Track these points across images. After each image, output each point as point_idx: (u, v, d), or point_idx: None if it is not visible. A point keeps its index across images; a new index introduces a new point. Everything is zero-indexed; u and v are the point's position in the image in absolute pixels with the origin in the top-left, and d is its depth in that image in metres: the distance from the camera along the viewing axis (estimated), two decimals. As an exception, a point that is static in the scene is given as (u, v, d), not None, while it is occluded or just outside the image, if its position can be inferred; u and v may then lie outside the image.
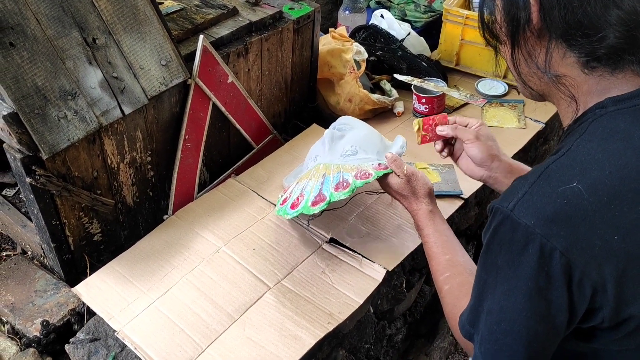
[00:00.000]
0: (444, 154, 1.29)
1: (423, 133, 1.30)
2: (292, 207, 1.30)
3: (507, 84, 1.91)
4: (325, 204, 1.24)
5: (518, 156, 1.71)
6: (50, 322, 1.27)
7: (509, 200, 0.80)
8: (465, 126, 1.26)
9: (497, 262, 0.82)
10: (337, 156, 1.33)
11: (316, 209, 1.24)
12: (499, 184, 1.24)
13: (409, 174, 1.24)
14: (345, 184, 1.26)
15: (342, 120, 1.45)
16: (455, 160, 1.29)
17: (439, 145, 1.30)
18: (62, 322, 1.28)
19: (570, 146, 0.80)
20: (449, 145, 1.29)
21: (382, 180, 1.27)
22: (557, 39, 0.81)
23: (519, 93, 1.54)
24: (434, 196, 1.24)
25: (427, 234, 1.17)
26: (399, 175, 1.25)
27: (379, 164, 1.28)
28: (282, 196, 1.40)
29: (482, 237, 0.88)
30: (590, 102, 0.82)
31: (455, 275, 1.06)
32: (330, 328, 1.17)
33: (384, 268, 1.29)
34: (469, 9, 1.99)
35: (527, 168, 1.24)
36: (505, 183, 1.22)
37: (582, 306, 0.78)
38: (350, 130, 1.39)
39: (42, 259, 1.41)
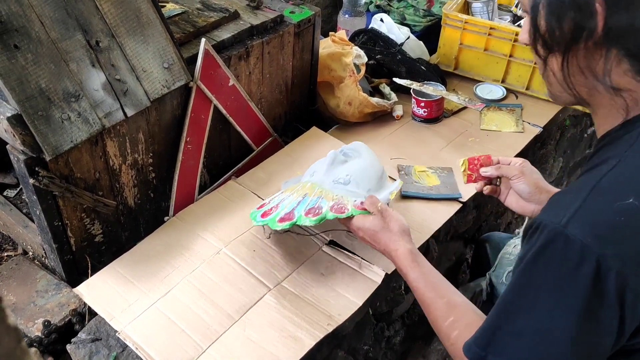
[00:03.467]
0: (485, 191, 1.29)
1: (469, 173, 1.32)
2: (263, 215, 1.29)
3: (506, 88, 1.93)
4: (290, 224, 1.22)
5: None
6: (52, 322, 1.28)
7: (560, 215, 0.76)
8: (508, 164, 1.26)
9: (540, 281, 0.78)
10: (329, 180, 1.30)
11: (279, 226, 1.23)
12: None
13: (383, 210, 1.17)
14: (317, 211, 1.23)
15: (352, 146, 1.43)
16: (504, 200, 1.28)
17: (479, 185, 1.30)
18: (63, 323, 1.29)
19: (621, 157, 0.78)
20: (492, 185, 1.29)
21: (353, 223, 1.18)
22: (618, 47, 0.79)
23: (515, 97, 1.55)
24: (410, 235, 1.16)
25: (415, 278, 1.07)
26: (372, 213, 1.18)
27: (362, 202, 1.24)
28: (264, 200, 1.40)
29: (520, 256, 0.83)
30: (638, 110, 0.81)
31: (460, 318, 0.99)
32: (330, 329, 1.18)
33: (383, 270, 1.30)
34: (468, 14, 2.01)
35: None
36: None
37: (632, 327, 0.76)
38: (353, 159, 1.37)
39: (43, 259, 1.41)
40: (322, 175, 1.32)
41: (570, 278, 0.76)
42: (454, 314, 1.01)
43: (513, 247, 1.62)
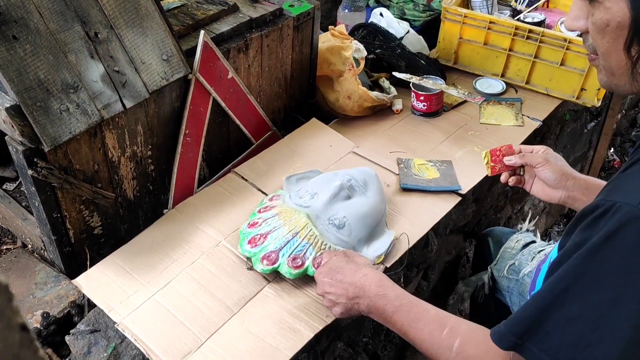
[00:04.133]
0: (510, 182, 1.30)
1: (492, 164, 1.33)
2: (250, 242, 1.28)
3: (505, 82, 1.93)
4: (271, 269, 1.22)
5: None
6: (51, 314, 1.28)
7: (635, 196, 0.73)
8: (531, 152, 1.27)
9: (608, 266, 0.75)
10: (325, 217, 1.29)
11: (261, 268, 1.23)
12: (579, 202, 1.21)
13: (345, 250, 1.19)
14: (300, 262, 1.22)
15: (362, 176, 1.38)
16: (529, 188, 1.28)
17: (504, 177, 1.31)
18: (62, 314, 1.29)
19: None
20: (517, 175, 1.30)
21: (316, 274, 1.17)
22: None
23: (514, 91, 1.54)
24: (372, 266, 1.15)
25: (396, 296, 1.02)
26: (335, 255, 1.17)
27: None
28: (259, 211, 1.37)
29: (576, 242, 0.81)
30: None
31: (457, 326, 0.96)
32: (329, 321, 1.18)
33: (383, 264, 1.30)
34: (468, 8, 2.01)
35: (603, 182, 1.19)
36: (584, 201, 1.18)
37: None
38: (358, 196, 1.34)
39: (42, 252, 1.41)
40: (322, 205, 1.30)
41: None
42: (448, 324, 0.97)
43: (515, 242, 1.62)
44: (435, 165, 1.60)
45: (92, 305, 1.25)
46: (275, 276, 1.27)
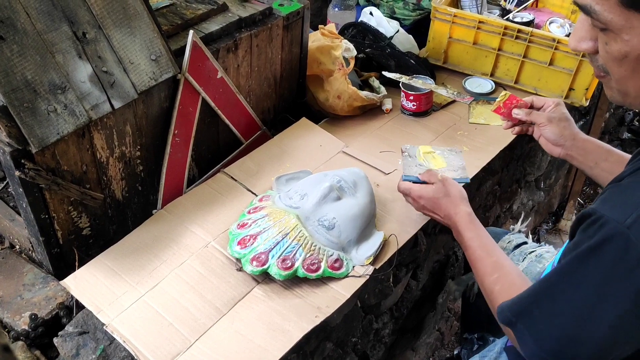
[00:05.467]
0: (513, 132, 1.44)
1: (501, 106, 1.40)
2: (240, 243, 1.28)
3: (494, 81, 1.94)
4: (261, 270, 1.23)
5: (504, 153, 1.73)
6: (39, 316, 1.27)
7: (623, 213, 0.77)
8: (541, 107, 1.37)
9: (591, 275, 0.82)
10: (315, 218, 1.30)
11: (250, 269, 1.23)
12: (575, 161, 1.34)
13: (444, 179, 1.28)
14: (289, 263, 1.23)
15: (352, 176, 1.39)
16: (537, 137, 1.39)
17: (507, 125, 1.44)
18: (50, 316, 1.28)
19: None
20: (526, 125, 1.42)
21: (414, 192, 1.29)
22: None
23: (503, 90, 1.55)
24: (468, 201, 1.26)
25: (470, 237, 1.19)
26: (433, 183, 1.28)
27: (336, 260, 1.26)
28: (248, 212, 1.37)
29: (575, 242, 0.87)
30: None
31: (504, 276, 1.09)
32: (318, 321, 1.19)
33: (372, 265, 1.30)
34: (458, 7, 2.01)
35: (602, 145, 1.32)
36: (580, 161, 1.32)
37: None
38: (348, 197, 1.34)
39: (30, 252, 1.41)
40: (311, 206, 1.30)
41: (622, 278, 0.79)
42: (499, 272, 1.10)
43: (507, 242, 1.63)
44: (442, 153, 1.55)
45: (80, 307, 1.24)
46: (264, 277, 1.27)
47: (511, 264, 1.14)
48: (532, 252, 1.56)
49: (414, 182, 1.35)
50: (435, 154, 1.55)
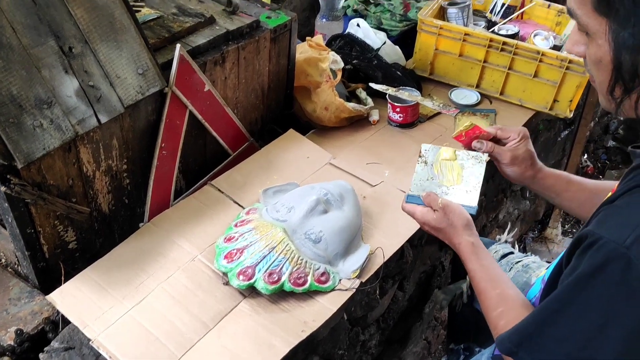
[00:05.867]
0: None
1: (463, 134, 1.33)
2: (226, 257, 1.28)
3: (480, 93, 1.96)
4: (246, 285, 1.23)
5: (490, 164, 1.74)
6: (25, 331, 1.27)
7: (622, 234, 0.78)
8: (506, 138, 1.31)
9: (594, 299, 0.82)
10: (302, 232, 1.30)
11: (236, 283, 1.23)
12: (538, 193, 1.34)
13: (445, 206, 1.20)
14: (276, 277, 1.23)
15: (338, 189, 1.39)
16: (498, 168, 1.36)
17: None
18: (36, 331, 1.28)
19: None
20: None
21: (418, 217, 1.23)
22: None
23: (489, 102, 1.56)
24: (473, 227, 1.21)
25: (473, 268, 1.16)
26: (435, 210, 1.21)
27: (323, 273, 1.27)
28: (235, 225, 1.37)
29: (573, 266, 0.87)
30: None
31: (509, 310, 1.07)
32: (304, 336, 1.19)
33: (358, 279, 1.31)
34: (444, 19, 2.03)
35: (562, 177, 1.31)
36: (542, 194, 1.33)
37: None
38: (334, 210, 1.35)
39: (16, 267, 1.40)
40: (298, 219, 1.31)
41: (626, 300, 0.79)
42: (503, 305, 1.07)
43: (494, 252, 1.64)
44: (464, 162, 1.33)
45: (66, 322, 1.24)
46: (251, 291, 1.27)
47: (516, 294, 1.11)
48: (519, 262, 1.58)
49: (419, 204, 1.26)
50: (454, 163, 1.34)
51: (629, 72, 0.84)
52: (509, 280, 1.15)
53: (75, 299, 1.25)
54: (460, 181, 1.32)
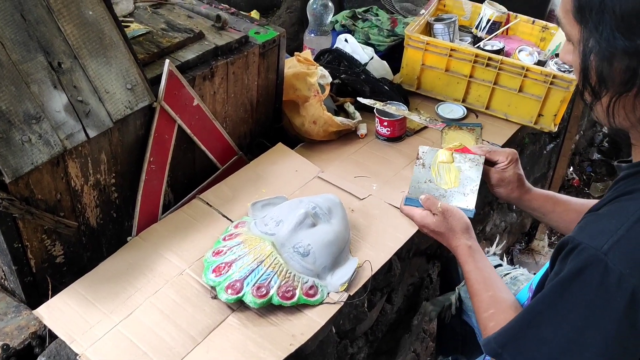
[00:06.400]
0: None
1: (453, 152, 1.36)
2: (214, 271, 1.28)
3: (466, 107, 1.98)
4: (235, 299, 1.23)
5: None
6: (11, 346, 1.26)
7: (600, 240, 0.81)
8: (495, 161, 1.35)
9: (574, 301, 0.85)
10: (290, 245, 1.31)
11: (225, 297, 1.23)
12: (526, 211, 1.38)
13: (444, 210, 1.25)
14: (264, 291, 1.23)
15: (327, 203, 1.40)
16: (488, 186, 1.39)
17: None
18: (23, 346, 1.27)
19: None
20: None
21: (418, 220, 1.29)
22: None
23: (475, 116, 1.58)
24: (471, 230, 1.25)
25: (468, 270, 1.20)
26: (434, 213, 1.26)
27: (311, 287, 1.28)
28: (223, 239, 1.38)
29: (555, 270, 0.90)
30: None
31: (499, 312, 1.10)
32: (293, 349, 1.20)
33: (346, 292, 1.32)
34: (430, 35, 2.06)
35: (549, 198, 1.36)
36: (530, 213, 1.37)
37: None
38: (322, 223, 1.36)
39: (2, 281, 1.39)
40: (287, 233, 1.32)
41: (604, 303, 0.81)
42: (494, 308, 1.11)
43: None
44: (461, 165, 1.36)
45: (53, 337, 1.23)
46: (239, 305, 1.27)
47: (509, 298, 1.14)
48: (507, 274, 1.60)
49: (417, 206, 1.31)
50: (452, 166, 1.37)
51: (593, 78, 0.88)
52: (502, 284, 1.18)
53: (63, 313, 1.25)
54: (457, 184, 1.35)
